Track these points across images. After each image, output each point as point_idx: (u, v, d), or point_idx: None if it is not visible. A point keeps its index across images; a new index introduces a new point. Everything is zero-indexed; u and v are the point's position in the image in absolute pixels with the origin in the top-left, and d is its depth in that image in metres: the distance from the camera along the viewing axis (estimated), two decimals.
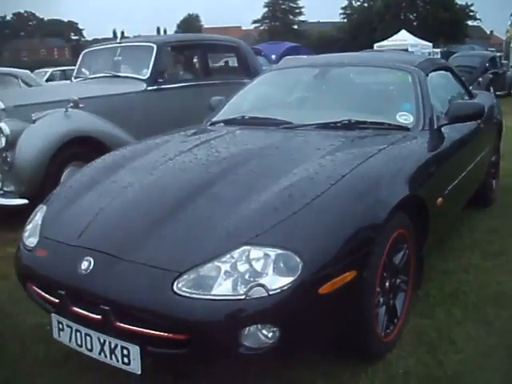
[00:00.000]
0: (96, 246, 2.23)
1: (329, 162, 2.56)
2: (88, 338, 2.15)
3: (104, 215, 2.41)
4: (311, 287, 1.99)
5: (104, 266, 2.14)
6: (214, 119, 3.69)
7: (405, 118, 3.16)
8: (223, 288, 1.95)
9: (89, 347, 2.15)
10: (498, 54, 20.74)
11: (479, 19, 49.03)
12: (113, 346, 2.08)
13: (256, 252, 2.00)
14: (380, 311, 2.42)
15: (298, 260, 1.97)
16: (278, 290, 1.93)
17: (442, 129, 3.22)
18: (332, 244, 2.09)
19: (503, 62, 20.48)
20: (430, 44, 30.60)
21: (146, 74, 5.61)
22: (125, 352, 2.06)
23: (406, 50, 23.53)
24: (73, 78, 6.43)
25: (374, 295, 2.30)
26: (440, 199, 2.94)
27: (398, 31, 31.87)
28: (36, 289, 2.40)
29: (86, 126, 4.99)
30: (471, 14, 47.16)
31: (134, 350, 2.03)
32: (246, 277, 1.96)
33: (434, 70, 3.74)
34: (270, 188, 2.33)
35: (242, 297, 1.92)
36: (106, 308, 2.05)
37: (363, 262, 2.19)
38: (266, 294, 1.92)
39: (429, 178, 2.83)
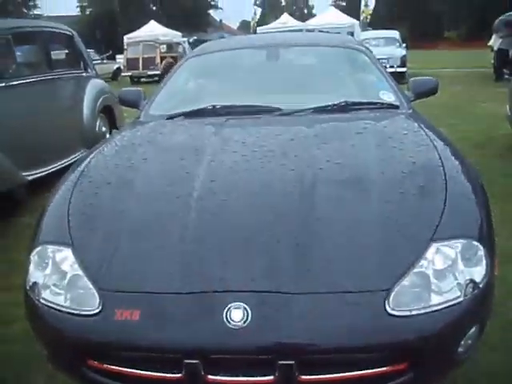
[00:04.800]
0: (236, 286, 1.67)
1: (397, 142, 2.39)
2: None
3: (204, 239, 1.82)
4: (493, 273, 1.85)
5: (267, 309, 1.61)
6: (169, 113, 3.06)
7: (388, 96, 3.13)
8: (440, 294, 1.68)
9: None
10: None
11: (221, 8, 52.51)
12: None
13: (445, 247, 1.77)
14: None
15: (481, 247, 1.81)
16: (483, 284, 1.75)
17: None
18: (487, 224, 1.97)
19: None
20: (180, 34, 31.37)
21: None
22: None
23: None
24: None
25: None
26: None
27: (147, 23, 31.88)
28: (116, 368, 1.71)
29: None
30: (212, 3, 50.04)
31: None
32: (452, 276, 1.73)
33: None
34: (380, 179, 2.06)
35: (461, 299, 1.69)
36: (288, 363, 1.57)
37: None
38: (477, 290, 1.73)
39: None
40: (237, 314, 1.59)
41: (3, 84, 4.56)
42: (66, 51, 6.24)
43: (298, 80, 3.31)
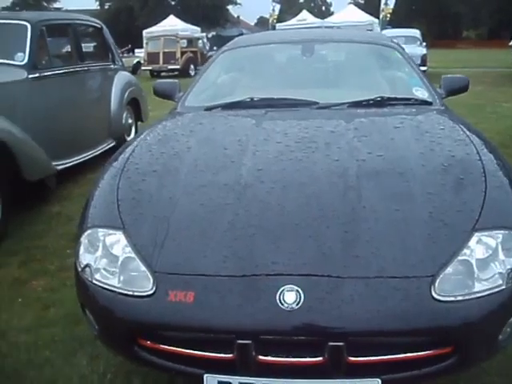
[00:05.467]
0: (288, 269, 1.72)
1: (435, 137, 2.42)
2: None
3: (255, 224, 1.87)
4: None
5: (319, 292, 1.67)
6: (206, 104, 3.09)
7: (422, 93, 3.16)
8: (483, 282, 1.73)
9: None
10: None
11: (240, 4, 52.44)
12: None
13: (486, 237, 1.82)
14: None
15: None
16: None
17: None
18: None
19: None
20: (199, 29, 31.42)
21: (23, 58, 4.59)
22: None
23: None
24: None
25: None
26: None
27: (165, 17, 31.96)
28: (168, 348, 1.77)
29: None
30: None
31: None
32: (493, 265, 1.77)
33: None
34: (421, 171, 2.10)
35: (503, 287, 1.74)
36: (337, 344, 1.62)
37: None
38: None
39: None
40: (290, 297, 1.64)
41: (37, 74, 4.65)
42: (95, 43, 6.32)
43: (333, 75, 3.37)
